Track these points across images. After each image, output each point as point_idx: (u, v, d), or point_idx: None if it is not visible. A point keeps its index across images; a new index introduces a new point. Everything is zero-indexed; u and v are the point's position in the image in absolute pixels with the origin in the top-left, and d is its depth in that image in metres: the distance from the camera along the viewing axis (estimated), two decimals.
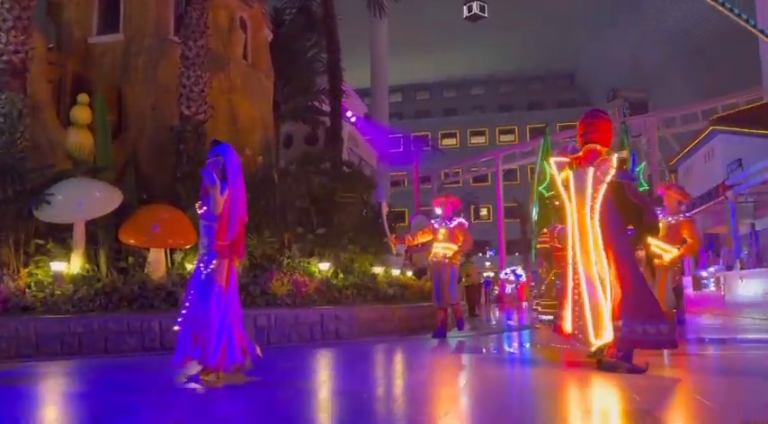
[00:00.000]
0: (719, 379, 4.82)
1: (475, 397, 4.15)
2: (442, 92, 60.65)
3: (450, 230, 8.72)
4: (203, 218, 4.53)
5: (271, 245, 9.10)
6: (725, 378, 4.88)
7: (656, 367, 4.49)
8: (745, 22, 3.44)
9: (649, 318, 4.53)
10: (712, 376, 4.96)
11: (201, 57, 10.33)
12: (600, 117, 5.05)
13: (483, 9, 33.43)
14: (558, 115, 47.82)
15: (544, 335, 9.51)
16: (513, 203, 41.55)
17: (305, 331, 7.85)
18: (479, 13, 33.15)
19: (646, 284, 4.82)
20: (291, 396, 4.10)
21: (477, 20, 32.01)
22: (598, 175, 4.77)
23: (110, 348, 6.72)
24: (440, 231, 8.76)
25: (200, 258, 4.52)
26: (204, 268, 4.44)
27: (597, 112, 5.13)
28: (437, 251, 8.77)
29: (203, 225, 4.54)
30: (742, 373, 5.07)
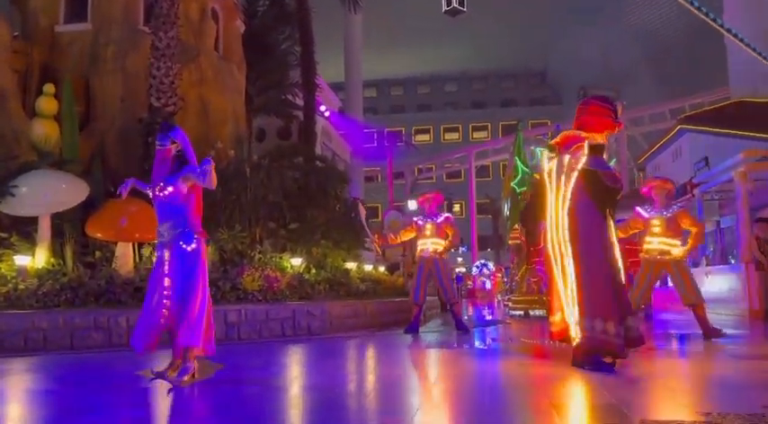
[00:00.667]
0: (685, 374, 4.92)
1: (446, 392, 4.16)
2: (416, 87, 60.72)
3: (438, 225, 8.63)
4: (169, 201, 4.29)
5: (242, 240, 9.00)
6: (691, 372, 4.97)
7: (625, 362, 4.55)
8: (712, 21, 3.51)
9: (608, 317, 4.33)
10: (679, 371, 5.05)
11: (172, 47, 10.15)
12: (592, 101, 4.77)
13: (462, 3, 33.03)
14: (530, 112, 48.29)
15: (515, 330, 9.59)
16: (485, 199, 41.89)
17: (276, 326, 7.79)
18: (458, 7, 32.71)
19: (608, 282, 4.46)
20: (262, 392, 4.06)
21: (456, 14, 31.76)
22: (571, 162, 4.54)
23: (75, 344, 6.58)
24: (426, 227, 8.64)
25: (173, 237, 4.25)
26: (186, 244, 4.23)
27: (595, 96, 4.91)
28: (425, 247, 8.64)
29: (169, 207, 4.30)
30: (707, 366, 5.18)
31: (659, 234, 7.18)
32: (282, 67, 16.52)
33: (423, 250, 8.67)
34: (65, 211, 8.04)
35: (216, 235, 8.78)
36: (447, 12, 31.68)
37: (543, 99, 57.53)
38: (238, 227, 9.08)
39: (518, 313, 13.67)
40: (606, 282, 4.44)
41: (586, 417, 3.18)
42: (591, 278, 4.42)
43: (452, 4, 32.13)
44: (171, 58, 10.12)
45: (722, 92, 27.48)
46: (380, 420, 3.26)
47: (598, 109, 4.66)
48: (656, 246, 7.21)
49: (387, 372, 5.23)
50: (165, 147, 4.37)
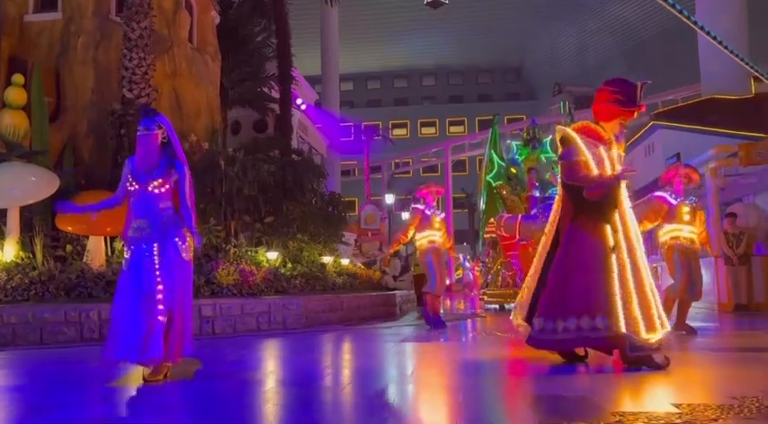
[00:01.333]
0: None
1: (421, 385, 4.17)
2: (393, 81, 60.63)
3: (442, 220, 8.42)
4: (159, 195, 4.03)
5: (216, 234, 8.92)
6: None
7: (596, 354, 4.60)
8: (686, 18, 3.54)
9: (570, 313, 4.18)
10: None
11: (145, 38, 9.99)
12: (602, 87, 4.48)
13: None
14: (506, 107, 48.52)
15: (490, 323, 9.65)
16: (461, 194, 42.06)
17: (251, 321, 7.73)
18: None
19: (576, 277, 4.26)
20: (237, 387, 4.02)
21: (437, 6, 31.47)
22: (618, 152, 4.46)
23: (45, 338, 6.45)
24: (434, 219, 8.29)
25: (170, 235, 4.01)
26: (182, 243, 4.03)
27: (608, 81, 4.49)
28: (435, 238, 8.20)
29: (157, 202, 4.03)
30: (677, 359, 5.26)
31: (689, 221, 6.84)
32: (258, 59, 16.36)
33: (432, 241, 8.18)
34: (34, 204, 7.88)
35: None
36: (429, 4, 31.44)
37: (519, 94, 57.90)
38: (213, 221, 8.99)
39: (493, 306, 13.77)
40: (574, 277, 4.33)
41: (560, 409, 3.21)
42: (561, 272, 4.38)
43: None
44: (144, 49, 9.95)
45: (694, 89, 27.91)
46: (356, 413, 3.25)
47: (605, 95, 4.42)
48: (688, 235, 6.85)
49: (363, 366, 5.22)
50: (152, 133, 4.06)
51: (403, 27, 47.16)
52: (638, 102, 4.33)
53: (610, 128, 4.40)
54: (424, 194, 8.45)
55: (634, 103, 4.32)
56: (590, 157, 4.32)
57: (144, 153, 4.07)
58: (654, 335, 4.06)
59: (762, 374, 3.35)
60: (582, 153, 4.34)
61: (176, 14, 12.07)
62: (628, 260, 4.17)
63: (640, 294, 4.11)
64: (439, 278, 8.17)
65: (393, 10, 44.70)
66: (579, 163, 4.34)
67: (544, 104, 47.32)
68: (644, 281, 4.15)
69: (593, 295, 4.17)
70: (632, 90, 4.34)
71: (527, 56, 55.07)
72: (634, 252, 4.22)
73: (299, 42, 18.47)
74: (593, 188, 4.30)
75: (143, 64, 9.91)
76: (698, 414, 2.84)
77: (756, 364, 4.15)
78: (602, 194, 4.29)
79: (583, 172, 4.31)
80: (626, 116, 4.38)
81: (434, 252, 8.18)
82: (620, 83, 4.41)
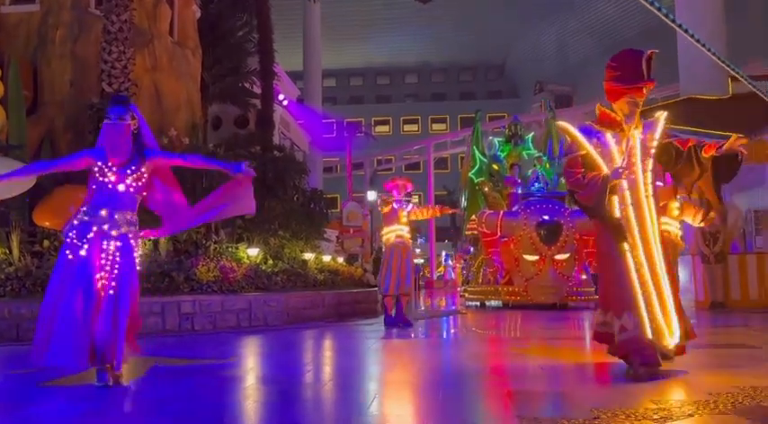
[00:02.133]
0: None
1: (402, 381, 4.17)
2: (375, 78, 60.54)
3: (409, 213, 8.21)
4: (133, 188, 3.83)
5: (196, 230, 8.83)
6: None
7: (575, 352, 4.64)
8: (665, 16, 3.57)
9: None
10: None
11: (125, 32, 9.87)
12: (608, 63, 3.97)
13: None
14: (488, 105, 48.69)
15: (471, 320, 9.70)
16: (443, 191, 42.18)
17: (231, 317, 7.69)
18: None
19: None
20: (216, 383, 3.99)
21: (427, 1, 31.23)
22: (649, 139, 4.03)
23: (21, 335, 6.35)
24: (401, 213, 8.03)
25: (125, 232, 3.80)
26: (134, 242, 3.85)
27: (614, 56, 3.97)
28: (403, 233, 8.04)
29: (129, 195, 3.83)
30: None
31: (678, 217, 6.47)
32: (240, 54, 16.22)
33: (400, 235, 8.00)
34: (11, 199, 7.73)
35: None
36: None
37: (501, 92, 58.15)
38: None
39: (474, 303, 13.82)
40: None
41: (539, 405, 3.23)
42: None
43: None
44: (124, 43, 9.83)
45: (673, 89, 28.22)
46: (336, 411, 3.25)
47: (607, 73, 3.90)
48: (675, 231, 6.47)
49: (344, 363, 5.22)
50: (126, 123, 3.83)
51: (386, 24, 47.10)
52: (646, 77, 3.77)
53: (619, 109, 3.90)
54: (391, 187, 8.25)
55: (640, 78, 3.78)
56: (592, 150, 3.89)
57: (116, 143, 3.82)
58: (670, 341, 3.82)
59: (737, 371, 3.41)
60: (581, 147, 3.92)
61: (157, 8, 11.94)
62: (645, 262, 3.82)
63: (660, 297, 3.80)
64: (393, 279, 7.84)
65: (376, 6, 44.62)
66: (575, 160, 3.93)
67: (526, 102, 47.63)
68: (662, 283, 3.81)
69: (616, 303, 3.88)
70: (636, 63, 3.78)
71: (509, 54, 55.31)
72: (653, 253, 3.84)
73: (281, 38, 18.34)
74: (582, 193, 3.89)
75: (122, 57, 9.79)
76: (674, 410, 2.88)
77: (732, 361, 4.22)
78: (592, 199, 3.83)
79: (575, 172, 3.92)
80: (633, 94, 3.81)
81: (399, 248, 7.92)
82: (622, 57, 3.89)
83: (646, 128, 3.94)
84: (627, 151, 3.87)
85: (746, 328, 7.43)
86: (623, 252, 3.83)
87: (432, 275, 36.14)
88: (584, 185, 3.86)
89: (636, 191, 3.88)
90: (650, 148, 3.91)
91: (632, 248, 3.83)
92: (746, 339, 6.10)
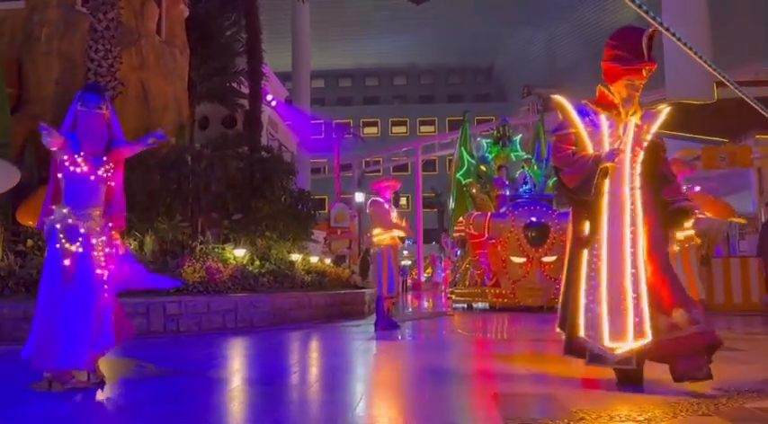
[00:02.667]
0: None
1: (388, 383, 4.17)
2: (364, 80, 60.56)
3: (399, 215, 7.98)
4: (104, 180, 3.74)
5: (183, 230, 8.79)
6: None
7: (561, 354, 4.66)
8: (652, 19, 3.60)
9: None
10: None
11: (112, 30, 9.79)
12: (607, 41, 3.64)
13: None
14: (476, 108, 48.87)
15: (458, 322, 9.72)
16: (431, 193, 42.26)
17: (217, 319, 7.64)
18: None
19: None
20: (202, 385, 3.96)
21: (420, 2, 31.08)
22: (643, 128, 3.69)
23: (4, 335, 6.28)
24: (392, 215, 7.85)
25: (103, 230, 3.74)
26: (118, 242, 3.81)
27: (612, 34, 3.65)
28: (397, 235, 7.89)
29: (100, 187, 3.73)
30: None
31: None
32: (228, 54, 16.15)
33: (393, 238, 7.82)
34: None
35: (155, 225, 8.54)
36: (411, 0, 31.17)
37: (489, 95, 58.38)
38: (179, 217, 8.86)
39: (461, 305, 13.82)
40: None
41: (524, 407, 3.24)
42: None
43: None
44: (110, 41, 9.75)
45: (659, 93, 28.49)
46: (322, 412, 3.24)
47: (606, 52, 3.58)
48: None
49: (330, 364, 5.20)
50: (102, 112, 3.75)
51: (375, 26, 47.13)
52: (646, 58, 3.41)
53: (617, 92, 3.57)
54: (380, 188, 7.99)
55: (639, 59, 3.43)
56: (582, 130, 3.58)
57: (92, 132, 3.72)
58: (620, 344, 3.37)
59: (720, 373, 3.43)
60: (573, 125, 3.61)
61: (144, 6, 11.86)
62: (605, 256, 3.44)
63: (614, 294, 3.40)
64: (385, 281, 7.66)
65: (365, 8, 44.63)
66: (566, 136, 3.63)
67: (513, 106, 47.80)
68: (624, 281, 3.41)
69: (564, 295, 3.69)
70: (636, 42, 3.42)
71: (497, 58, 55.56)
72: (621, 247, 3.44)
73: (269, 38, 18.28)
74: (568, 170, 3.58)
75: (109, 56, 9.72)
76: (658, 412, 2.90)
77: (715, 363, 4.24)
78: (578, 179, 3.52)
79: (565, 148, 3.61)
80: (632, 76, 3.48)
81: (391, 251, 7.77)
82: (621, 35, 3.56)
83: (644, 118, 3.62)
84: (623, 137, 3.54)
85: (730, 331, 7.49)
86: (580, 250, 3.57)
87: (419, 276, 36.20)
88: (573, 162, 3.55)
89: (619, 182, 3.53)
90: (644, 140, 3.60)
91: (593, 243, 3.51)
92: (730, 342, 6.15)
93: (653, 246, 3.52)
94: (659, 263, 3.51)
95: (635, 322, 3.36)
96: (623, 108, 3.56)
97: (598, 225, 3.52)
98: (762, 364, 4.69)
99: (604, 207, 3.52)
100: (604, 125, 3.58)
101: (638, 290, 3.40)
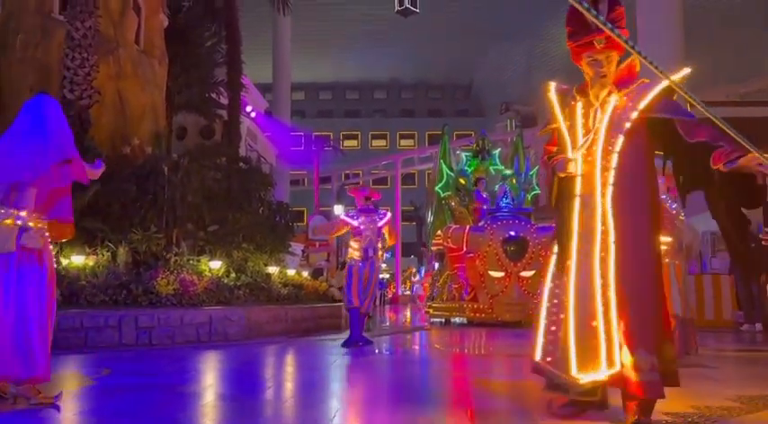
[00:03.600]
0: None
1: (364, 399, 4.12)
2: (344, 93, 60.73)
3: (380, 227, 7.51)
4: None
5: (157, 241, 8.66)
6: None
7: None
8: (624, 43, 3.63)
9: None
10: None
11: (89, 38, 9.70)
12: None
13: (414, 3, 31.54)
14: (456, 123, 49.30)
15: (435, 337, 9.70)
16: (410, 206, 42.37)
17: (191, 332, 7.52)
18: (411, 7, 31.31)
19: None
20: (174, 400, 3.88)
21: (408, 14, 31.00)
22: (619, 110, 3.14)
23: None
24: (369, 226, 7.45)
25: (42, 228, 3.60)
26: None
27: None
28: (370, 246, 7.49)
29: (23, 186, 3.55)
30: None
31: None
32: (207, 65, 16.08)
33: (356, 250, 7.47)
34: None
35: (129, 236, 8.41)
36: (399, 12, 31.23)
37: (468, 111, 58.93)
38: (154, 228, 8.74)
39: (439, 320, 13.69)
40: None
41: (497, 421, 3.22)
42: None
43: (405, 4, 31.68)
44: (87, 49, 9.66)
45: None
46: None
47: (567, 29, 3.11)
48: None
49: (306, 379, 5.14)
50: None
51: (357, 40, 47.35)
52: (594, 28, 2.91)
53: (585, 72, 3.13)
54: (356, 194, 7.64)
55: (586, 31, 2.99)
56: (562, 125, 3.17)
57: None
58: (585, 374, 2.92)
59: (692, 390, 3.46)
60: (554, 119, 3.23)
61: (123, 15, 11.76)
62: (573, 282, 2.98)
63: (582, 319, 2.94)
64: (354, 295, 7.24)
65: (347, 22, 44.84)
66: (549, 133, 3.28)
67: (492, 121, 48.26)
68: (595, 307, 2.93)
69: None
70: (579, 13, 2.88)
71: (477, 74, 56.15)
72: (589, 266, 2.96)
73: (250, 49, 18.26)
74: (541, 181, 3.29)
75: (86, 64, 9.62)
76: None
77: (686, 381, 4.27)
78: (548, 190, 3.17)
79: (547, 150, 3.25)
80: (587, 51, 3.04)
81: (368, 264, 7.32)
82: (570, 9, 3.02)
83: (631, 96, 3.03)
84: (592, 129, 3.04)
85: (702, 347, 7.57)
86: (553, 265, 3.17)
87: (398, 290, 36.17)
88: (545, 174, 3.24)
89: (589, 180, 3.02)
90: (626, 121, 2.99)
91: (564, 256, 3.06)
92: (701, 359, 6.21)
93: (623, 261, 2.93)
94: (627, 286, 2.92)
95: (607, 350, 2.89)
96: (592, 88, 3.09)
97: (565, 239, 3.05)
98: (733, 381, 4.74)
99: (574, 214, 3.03)
100: (579, 113, 3.12)
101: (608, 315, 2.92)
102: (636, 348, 2.87)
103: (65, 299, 7.27)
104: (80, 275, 7.57)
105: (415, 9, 31.01)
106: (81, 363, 5.57)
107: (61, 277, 7.37)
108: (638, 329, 2.89)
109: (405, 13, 31.19)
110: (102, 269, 7.84)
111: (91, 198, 8.19)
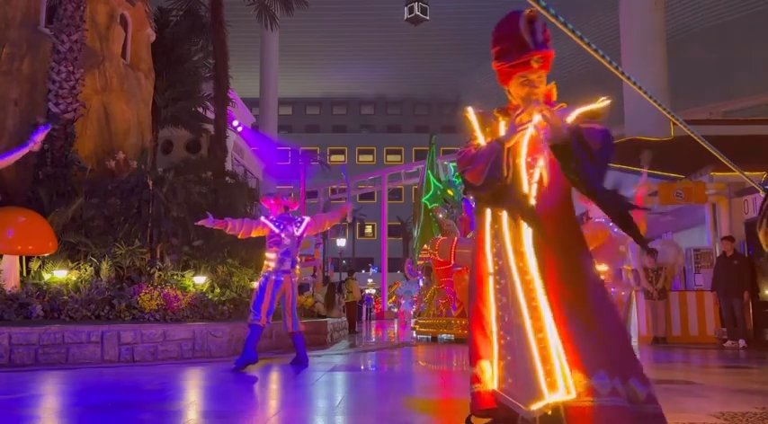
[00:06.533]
0: None
1: (350, 416, 4.09)
2: (332, 108, 60.95)
3: (300, 237, 7.06)
4: None
5: (141, 256, 8.59)
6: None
7: None
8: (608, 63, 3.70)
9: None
10: None
11: (75, 52, 9.67)
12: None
13: (425, 11, 30.95)
14: (442, 139, 49.55)
15: (421, 353, 9.66)
16: (396, 221, 42.39)
17: (174, 348, 7.44)
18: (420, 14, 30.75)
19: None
20: (156, 418, 3.82)
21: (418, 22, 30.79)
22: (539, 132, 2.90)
23: None
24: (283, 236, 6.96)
25: None
26: None
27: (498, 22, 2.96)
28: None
29: None
30: None
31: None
32: (194, 79, 16.06)
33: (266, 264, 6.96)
34: None
35: (113, 250, 8.33)
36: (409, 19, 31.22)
37: (454, 127, 59.29)
38: (138, 243, 8.67)
39: (426, 337, 13.45)
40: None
41: None
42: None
43: (415, 11, 31.68)
44: (73, 63, 9.62)
45: (618, 130, 29.36)
46: None
47: (492, 49, 2.96)
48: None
49: (290, 396, 5.09)
50: None
51: (344, 55, 47.62)
52: (531, 45, 2.76)
53: (515, 93, 2.95)
54: (270, 204, 7.03)
55: (523, 50, 2.79)
56: (482, 142, 2.97)
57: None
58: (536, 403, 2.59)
59: (677, 406, 3.46)
60: (475, 137, 3.03)
61: (110, 29, 11.76)
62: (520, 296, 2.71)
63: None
64: (262, 310, 6.69)
65: (335, 38, 45.11)
66: (467, 145, 3.01)
67: None
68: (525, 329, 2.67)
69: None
70: (515, 30, 2.76)
71: (463, 90, 56.63)
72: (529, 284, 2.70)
73: (237, 64, 18.28)
74: (470, 166, 2.88)
75: (71, 78, 9.58)
76: None
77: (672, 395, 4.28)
78: (484, 166, 2.79)
79: (466, 152, 2.97)
80: (522, 71, 2.86)
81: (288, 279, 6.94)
82: (499, 27, 2.89)
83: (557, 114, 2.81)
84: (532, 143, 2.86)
85: (687, 364, 7.61)
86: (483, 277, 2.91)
87: (383, 305, 36.08)
88: (473, 157, 2.88)
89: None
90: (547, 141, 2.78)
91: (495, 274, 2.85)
92: (687, 375, 6.25)
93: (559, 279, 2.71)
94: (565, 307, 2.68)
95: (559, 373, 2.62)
96: (524, 109, 2.84)
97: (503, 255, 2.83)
98: (717, 396, 4.75)
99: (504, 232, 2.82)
100: (501, 132, 2.93)
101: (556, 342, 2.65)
102: (591, 371, 2.62)
103: (47, 314, 7.19)
104: (62, 290, 7.48)
105: (425, 17, 30.97)
106: (62, 379, 5.48)
107: (43, 291, 7.29)
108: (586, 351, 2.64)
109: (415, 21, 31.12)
110: (84, 284, 7.76)
111: (74, 212, 8.13)
